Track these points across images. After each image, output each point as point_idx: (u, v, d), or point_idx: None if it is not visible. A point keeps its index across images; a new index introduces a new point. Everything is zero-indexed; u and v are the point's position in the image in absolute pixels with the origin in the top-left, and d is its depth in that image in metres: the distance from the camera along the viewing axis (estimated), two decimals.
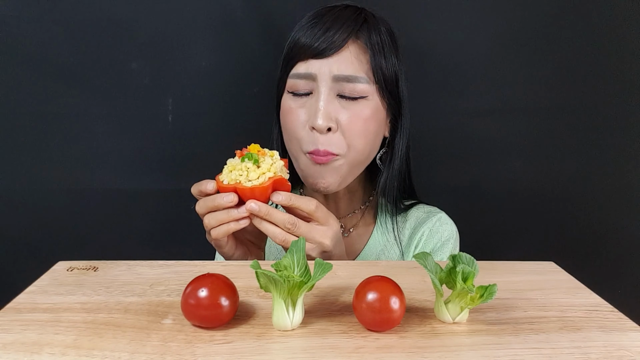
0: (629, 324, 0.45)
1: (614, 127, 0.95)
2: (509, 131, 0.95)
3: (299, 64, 0.68)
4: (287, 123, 0.71)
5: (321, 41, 0.66)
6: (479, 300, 0.43)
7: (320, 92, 0.67)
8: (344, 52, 0.67)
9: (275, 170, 0.60)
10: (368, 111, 0.69)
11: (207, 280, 0.43)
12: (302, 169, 0.72)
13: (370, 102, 0.69)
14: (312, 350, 0.39)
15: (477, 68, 0.92)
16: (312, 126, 0.67)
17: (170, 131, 0.93)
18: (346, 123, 0.67)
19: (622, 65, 0.92)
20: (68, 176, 0.93)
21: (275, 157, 0.61)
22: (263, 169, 0.59)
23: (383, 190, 0.76)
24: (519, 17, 0.90)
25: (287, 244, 0.60)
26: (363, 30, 0.68)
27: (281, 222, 0.60)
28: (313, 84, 0.68)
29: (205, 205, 0.60)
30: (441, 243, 0.77)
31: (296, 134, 0.69)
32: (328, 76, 0.67)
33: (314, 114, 0.67)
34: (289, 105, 0.70)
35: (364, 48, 0.68)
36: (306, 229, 0.61)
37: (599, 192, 0.98)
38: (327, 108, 0.67)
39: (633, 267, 1.01)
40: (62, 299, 0.47)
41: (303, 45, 0.67)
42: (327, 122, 0.66)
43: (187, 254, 0.80)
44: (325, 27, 0.67)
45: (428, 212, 0.80)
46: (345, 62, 0.67)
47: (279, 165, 0.61)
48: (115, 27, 0.87)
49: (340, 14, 0.68)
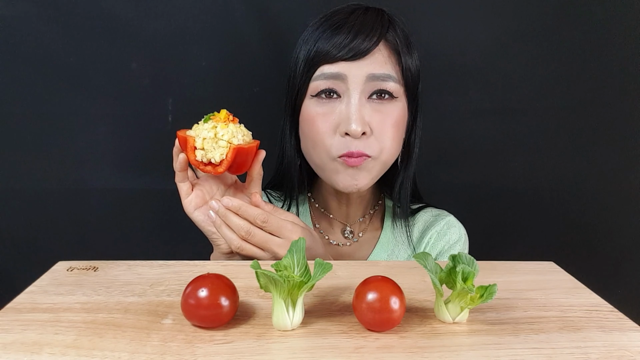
0: (629, 324, 0.45)
1: (614, 127, 0.95)
2: (509, 131, 0.95)
3: (325, 66, 0.66)
4: (312, 130, 0.68)
5: (353, 46, 0.65)
6: (479, 300, 0.43)
7: (352, 95, 0.66)
8: (376, 53, 0.66)
9: (241, 139, 0.59)
10: (398, 112, 0.68)
11: (207, 280, 0.43)
12: (331, 174, 0.69)
13: (399, 103, 0.69)
14: (312, 350, 0.39)
15: (477, 68, 0.92)
16: (345, 132, 0.65)
17: (170, 131, 0.93)
18: (378, 126, 0.67)
19: (623, 65, 0.92)
20: (68, 176, 0.93)
21: (242, 128, 0.62)
22: (220, 139, 0.58)
23: (398, 194, 0.75)
24: (520, 17, 0.90)
25: (242, 251, 0.59)
26: (390, 31, 0.68)
27: (236, 227, 0.59)
28: (342, 86, 0.66)
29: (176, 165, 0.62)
30: (449, 245, 0.77)
31: (324, 141, 0.67)
32: (360, 78, 0.66)
33: (347, 119, 0.65)
34: (314, 111, 0.68)
35: (393, 49, 0.67)
36: (262, 238, 0.59)
37: (599, 192, 0.98)
38: (360, 112, 0.65)
39: (633, 267, 1.01)
40: (62, 299, 0.47)
41: (328, 52, 0.66)
42: (362, 127, 0.65)
43: (187, 254, 0.80)
44: (354, 32, 0.65)
45: (436, 216, 0.80)
46: (379, 62, 0.66)
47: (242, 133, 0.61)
48: (115, 27, 0.87)
49: (365, 18, 0.67)
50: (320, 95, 0.68)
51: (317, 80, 0.67)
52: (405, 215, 0.78)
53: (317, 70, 0.67)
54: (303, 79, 0.69)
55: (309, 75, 0.68)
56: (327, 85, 0.67)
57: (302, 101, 0.70)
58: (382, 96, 0.67)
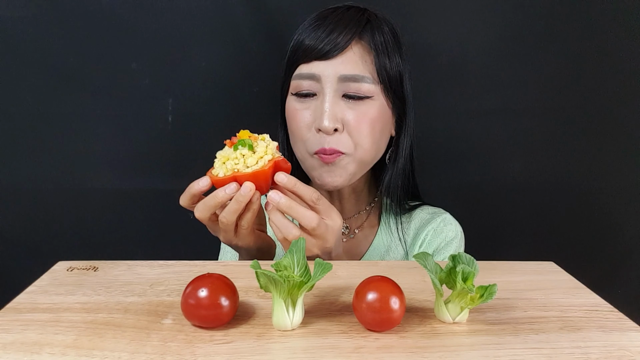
0: (629, 324, 0.45)
1: (614, 127, 0.95)
2: (509, 131, 0.95)
3: (302, 66, 0.68)
4: (293, 125, 0.71)
5: (325, 43, 0.66)
6: (479, 300, 0.43)
7: (325, 93, 0.67)
8: (348, 52, 0.67)
9: (272, 152, 0.56)
10: (374, 111, 0.69)
11: (207, 280, 0.43)
12: (310, 170, 0.72)
13: (376, 102, 0.69)
14: (312, 350, 0.39)
15: (477, 68, 0.92)
16: (318, 128, 0.67)
17: (170, 131, 0.93)
18: (352, 123, 0.67)
19: (622, 65, 0.92)
20: (68, 176, 0.93)
21: (267, 139, 0.58)
22: (260, 153, 0.55)
23: (387, 189, 0.76)
24: (520, 17, 0.90)
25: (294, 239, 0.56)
26: (366, 30, 0.68)
27: (306, 220, 0.56)
28: (317, 85, 0.68)
29: (207, 207, 0.56)
30: (445, 243, 0.77)
31: (302, 136, 0.70)
32: (333, 77, 0.67)
33: (320, 115, 0.67)
34: (294, 107, 0.71)
35: (367, 49, 0.68)
36: (324, 229, 0.58)
37: (599, 192, 0.98)
38: (332, 109, 0.67)
39: (633, 267, 1.01)
40: (62, 299, 0.47)
41: (307, 47, 0.67)
42: (333, 124, 0.66)
43: (187, 254, 0.80)
44: (329, 29, 0.67)
45: (432, 213, 0.80)
46: (350, 63, 0.67)
47: (274, 146, 0.58)
48: (115, 27, 0.87)
49: (343, 15, 0.68)
50: (299, 93, 0.70)
51: (295, 79, 0.70)
52: (397, 213, 0.78)
53: (297, 69, 0.69)
54: (285, 76, 0.72)
55: (290, 73, 0.70)
56: (303, 84, 0.69)
57: (286, 98, 0.73)
58: (355, 97, 0.68)
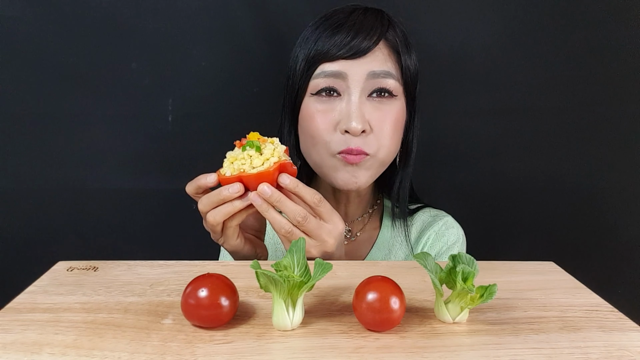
0: (629, 324, 0.45)
1: (614, 127, 0.95)
2: (509, 131, 0.95)
3: (326, 64, 0.67)
4: (312, 127, 0.68)
5: (353, 44, 0.65)
6: (479, 300, 0.43)
7: (352, 93, 0.66)
8: (377, 52, 0.67)
9: (279, 155, 0.57)
10: (397, 111, 0.69)
11: (207, 280, 0.43)
12: (330, 171, 0.69)
13: (399, 102, 0.69)
14: (312, 350, 0.39)
15: (477, 68, 0.92)
16: (345, 129, 0.66)
17: (170, 131, 0.93)
18: (377, 124, 0.67)
19: (622, 65, 0.92)
20: (68, 176, 0.93)
21: (276, 142, 0.59)
22: (267, 155, 0.56)
23: (397, 192, 0.76)
24: (519, 17, 0.90)
25: (292, 237, 0.56)
26: (390, 31, 0.68)
27: (292, 213, 0.56)
28: (342, 84, 0.67)
29: (210, 201, 0.56)
30: (447, 247, 0.77)
31: (323, 137, 0.68)
32: (361, 76, 0.66)
33: (347, 116, 0.66)
34: (315, 108, 0.68)
35: (392, 48, 0.68)
36: (315, 224, 0.57)
37: (599, 192, 0.98)
38: (360, 110, 0.66)
39: (633, 267, 1.01)
40: (62, 299, 0.47)
41: (328, 50, 0.66)
42: (362, 125, 0.65)
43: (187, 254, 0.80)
44: (354, 31, 0.66)
45: (434, 216, 0.80)
46: (379, 60, 0.67)
47: (281, 149, 0.58)
48: (115, 27, 0.87)
49: (365, 18, 0.68)
50: (321, 94, 0.68)
51: (317, 78, 0.68)
52: (404, 215, 0.78)
53: (318, 68, 0.67)
54: (303, 77, 0.69)
55: (309, 73, 0.68)
56: (327, 83, 0.67)
57: (302, 99, 0.70)
58: (382, 94, 0.68)
